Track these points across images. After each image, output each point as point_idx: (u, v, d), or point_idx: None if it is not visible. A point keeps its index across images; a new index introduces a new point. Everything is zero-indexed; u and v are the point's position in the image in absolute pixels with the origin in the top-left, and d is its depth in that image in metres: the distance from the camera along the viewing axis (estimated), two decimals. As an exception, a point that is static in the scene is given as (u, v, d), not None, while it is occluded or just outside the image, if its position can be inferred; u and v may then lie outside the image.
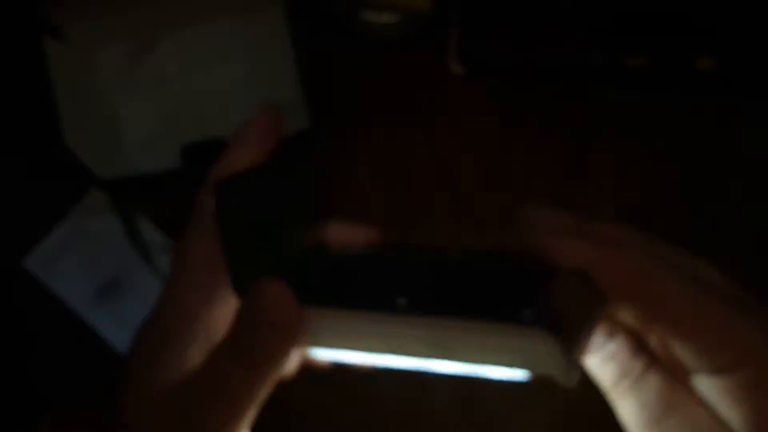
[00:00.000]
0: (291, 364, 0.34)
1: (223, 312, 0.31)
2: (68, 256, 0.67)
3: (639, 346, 0.29)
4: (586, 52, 0.64)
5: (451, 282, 0.27)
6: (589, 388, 0.30)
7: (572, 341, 0.25)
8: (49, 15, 0.60)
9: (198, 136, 0.65)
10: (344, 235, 0.32)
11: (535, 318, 0.24)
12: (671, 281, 0.26)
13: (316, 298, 0.28)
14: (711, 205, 0.64)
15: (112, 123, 0.67)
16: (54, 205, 0.68)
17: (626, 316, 0.29)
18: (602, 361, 0.30)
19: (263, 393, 0.30)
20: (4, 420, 0.65)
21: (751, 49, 0.59)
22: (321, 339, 0.28)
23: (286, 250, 0.31)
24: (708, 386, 0.27)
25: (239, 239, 0.30)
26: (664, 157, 0.65)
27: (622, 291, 0.27)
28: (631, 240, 0.29)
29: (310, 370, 0.35)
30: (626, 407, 0.29)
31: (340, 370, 0.33)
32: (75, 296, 0.67)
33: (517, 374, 0.26)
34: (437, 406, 0.65)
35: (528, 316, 0.24)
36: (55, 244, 0.67)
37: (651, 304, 0.27)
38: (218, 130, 0.66)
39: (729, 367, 0.25)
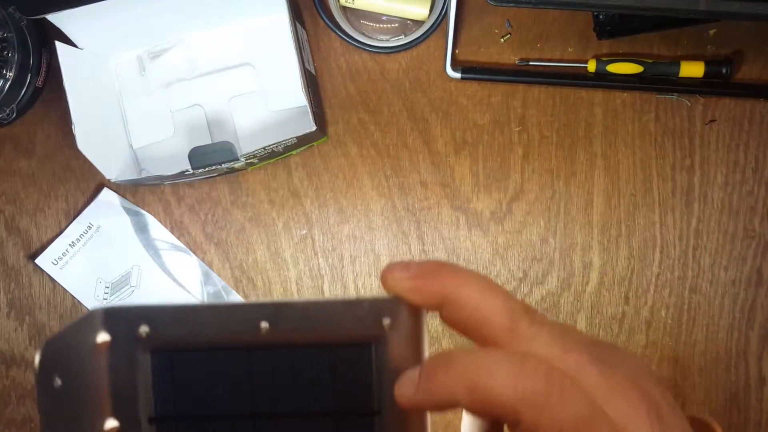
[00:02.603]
0: None
1: None
2: (79, 255, 0.69)
3: None
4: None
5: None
6: None
7: None
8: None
9: (205, 140, 0.67)
10: None
11: None
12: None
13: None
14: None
15: (122, 127, 0.69)
16: (66, 204, 0.70)
17: None
18: None
19: None
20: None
21: None
22: None
23: None
24: None
25: None
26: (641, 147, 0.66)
27: None
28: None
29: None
30: None
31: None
32: (86, 293, 0.69)
33: None
34: None
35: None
36: (66, 243, 0.69)
37: None
38: (225, 135, 0.68)
39: None
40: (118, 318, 0.27)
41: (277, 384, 0.27)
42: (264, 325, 0.27)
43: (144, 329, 0.27)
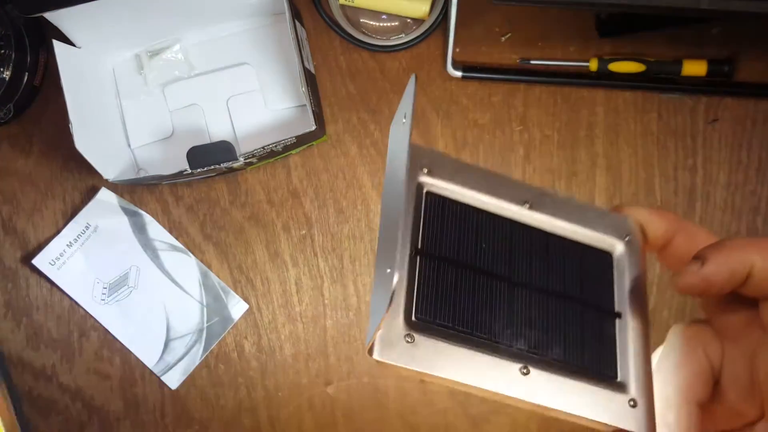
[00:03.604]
0: None
1: None
2: (77, 255, 0.68)
3: None
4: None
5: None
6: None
7: None
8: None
9: (204, 139, 0.67)
10: None
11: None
12: None
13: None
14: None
15: (120, 126, 0.68)
16: (64, 204, 0.69)
17: None
18: None
19: None
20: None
21: None
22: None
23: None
24: None
25: None
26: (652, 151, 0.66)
27: None
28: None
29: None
30: None
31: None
32: (83, 294, 0.68)
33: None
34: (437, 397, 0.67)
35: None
36: (64, 243, 0.68)
37: None
38: (224, 134, 0.67)
39: None
40: (417, 154, 0.29)
41: (532, 259, 0.29)
42: (527, 204, 0.30)
43: (426, 170, 0.29)
